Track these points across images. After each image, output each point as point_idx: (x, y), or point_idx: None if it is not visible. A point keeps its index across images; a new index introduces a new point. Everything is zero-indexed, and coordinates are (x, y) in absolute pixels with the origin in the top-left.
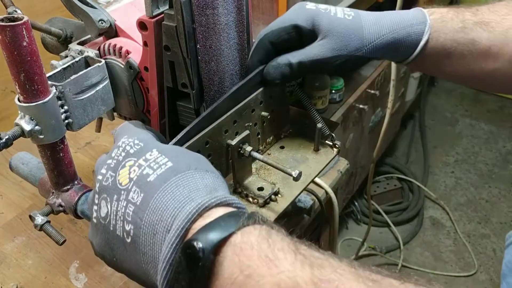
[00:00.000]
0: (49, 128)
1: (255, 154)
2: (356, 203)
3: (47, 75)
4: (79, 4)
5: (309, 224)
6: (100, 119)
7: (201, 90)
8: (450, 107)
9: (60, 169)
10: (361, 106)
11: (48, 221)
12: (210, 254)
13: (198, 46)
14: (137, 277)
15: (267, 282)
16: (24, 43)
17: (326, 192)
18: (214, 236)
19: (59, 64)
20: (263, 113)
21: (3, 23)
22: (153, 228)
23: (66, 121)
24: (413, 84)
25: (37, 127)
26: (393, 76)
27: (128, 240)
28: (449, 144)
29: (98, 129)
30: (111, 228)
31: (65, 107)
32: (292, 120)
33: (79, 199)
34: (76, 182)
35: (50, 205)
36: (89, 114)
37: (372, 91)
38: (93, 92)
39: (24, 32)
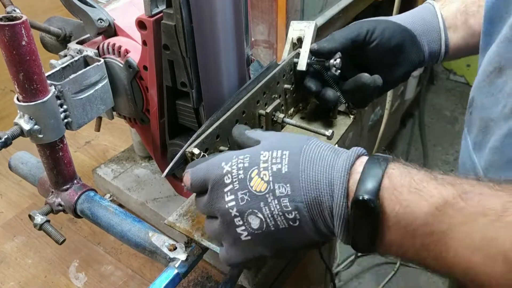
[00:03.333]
0: (48, 127)
1: (287, 120)
2: None
3: (46, 74)
4: (78, 3)
5: None
6: (100, 118)
7: (200, 89)
8: (450, 106)
9: (59, 169)
10: None
11: (48, 221)
12: (376, 201)
13: (197, 45)
14: (308, 244)
15: (422, 206)
16: (23, 43)
17: None
18: (371, 186)
19: (58, 63)
20: (286, 85)
21: (2, 23)
22: (317, 201)
23: (65, 120)
24: (412, 83)
25: (36, 127)
26: None
27: (296, 224)
28: (448, 142)
29: (98, 128)
30: (272, 228)
31: (64, 106)
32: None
33: (78, 198)
34: (75, 182)
35: (50, 205)
36: (88, 113)
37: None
38: (92, 91)
39: (23, 32)
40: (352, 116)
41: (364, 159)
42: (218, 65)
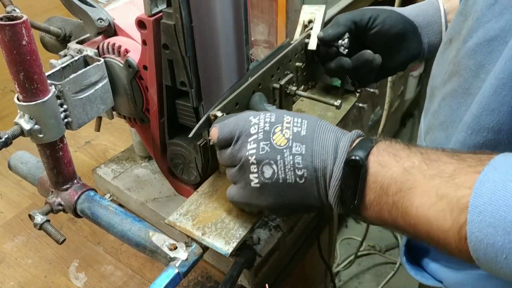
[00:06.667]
0: (49, 127)
1: (300, 92)
2: None
3: (46, 74)
4: (78, 3)
5: (308, 223)
6: (100, 118)
7: (199, 88)
8: None
9: (59, 168)
10: (360, 104)
11: (48, 220)
12: (364, 160)
13: (196, 44)
14: (303, 206)
15: (395, 167)
16: (24, 42)
17: None
18: (363, 152)
19: (58, 63)
20: (297, 63)
21: (2, 22)
22: (323, 163)
23: (66, 120)
24: (413, 83)
25: (36, 126)
26: (390, 78)
27: (302, 181)
28: None
29: (98, 128)
30: (281, 181)
31: (65, 106)
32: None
33: (78, 198)
34: (75, 181)
35: (50, 204)
36: (88, 113)
37: (372, 90)
38: (92, 91)
39: (23, 31)
40: (358, 94)
41: (361, 138)
42: (218, 64)
